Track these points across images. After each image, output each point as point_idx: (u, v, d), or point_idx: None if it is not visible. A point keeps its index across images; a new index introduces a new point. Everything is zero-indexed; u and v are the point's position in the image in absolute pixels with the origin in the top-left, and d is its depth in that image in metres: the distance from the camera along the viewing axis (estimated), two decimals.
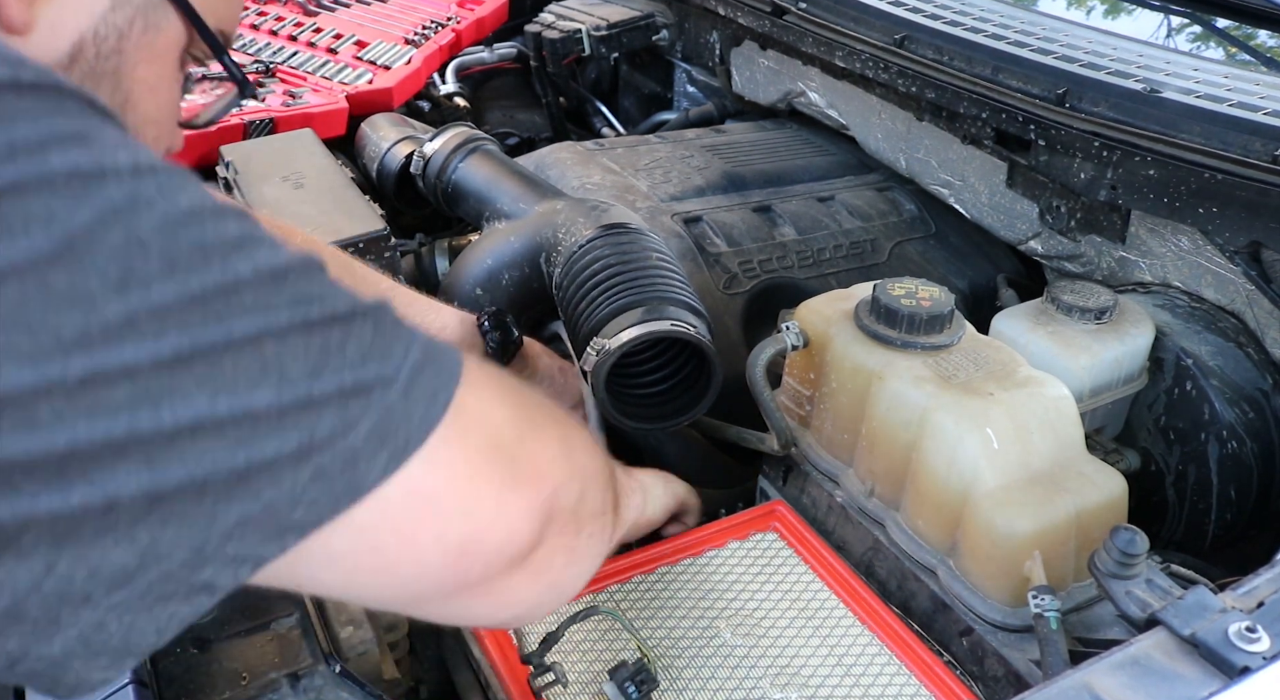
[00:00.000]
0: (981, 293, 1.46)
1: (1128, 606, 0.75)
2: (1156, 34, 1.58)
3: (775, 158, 1.64)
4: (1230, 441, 1.10)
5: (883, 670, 0.87)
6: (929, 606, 0.93)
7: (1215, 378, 1.11)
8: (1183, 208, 1.13)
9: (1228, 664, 0.63)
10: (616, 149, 1.62)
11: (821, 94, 1.63)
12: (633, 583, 0.95)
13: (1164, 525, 1.17)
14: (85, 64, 0.65)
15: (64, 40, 0.63)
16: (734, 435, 1.16)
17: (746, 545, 1.00)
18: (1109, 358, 1.07)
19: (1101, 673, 0.64)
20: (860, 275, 1.40)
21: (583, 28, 1.90)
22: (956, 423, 0.89)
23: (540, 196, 1.31)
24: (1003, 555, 0.85)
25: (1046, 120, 1.24)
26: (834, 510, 1.03)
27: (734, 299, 1.33)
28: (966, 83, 1.33)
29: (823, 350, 1.02)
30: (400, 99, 1.75)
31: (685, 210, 1.44)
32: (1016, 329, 1.10)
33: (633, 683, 0.82)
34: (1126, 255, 1.25)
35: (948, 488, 0.89)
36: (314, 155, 1.40)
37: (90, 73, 0.65)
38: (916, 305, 0.98)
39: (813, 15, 1.57)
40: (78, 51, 0.64)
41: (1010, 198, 1.36)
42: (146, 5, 0.67)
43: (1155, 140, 1.14)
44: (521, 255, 1.24)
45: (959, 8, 1.48)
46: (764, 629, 0.90)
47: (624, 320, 1.05)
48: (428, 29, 1.95)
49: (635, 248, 1.14)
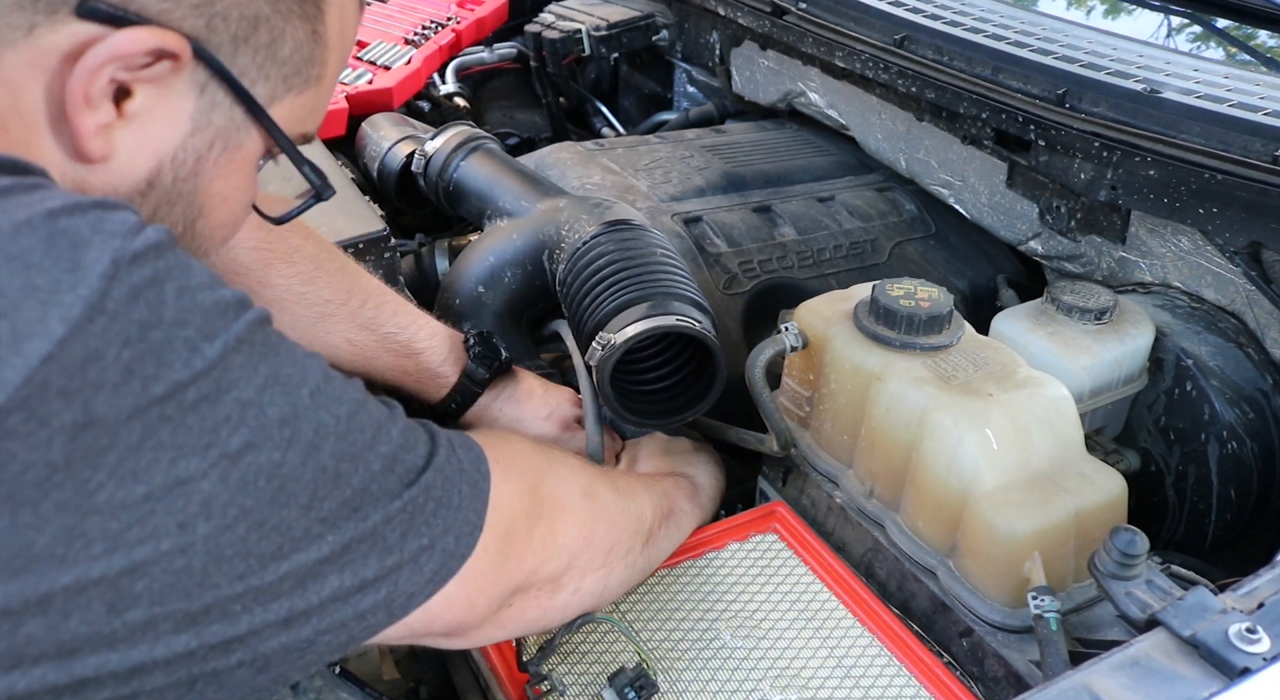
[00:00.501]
0: (981, 293, 1.46)
1: (1128, 607, 0.75)
2: (1156, 34, 1.58)
3: (775, 158, 1.64)
4: (1230, 442, 1.10)
5: (883, 671, 0.87)
6: (929, 607, 0.93)
7: (1215, 378, 1.11)
8: (1183, 208, 1.13)
9: (1228, 665, 0.63)
10: (616, 149, 1.62)
11: (821, 94, 1.63)
12: None
13: (1164, 526, 1.17)
14: (162, 189, 0.64)
15: (141, 168, 0.63)
16: (733, 436, 1.16)
17: (746, 547, 1.00)
18: (1109, 358, 1.07)
19: (1101, 673, 0.64)
20: (860, 275, 1.39)
21: (583, 28, 1.90)
22: (956, 423, 0.89)
23: (542, 194, 1.31)
24: (1002, 556, 0.85)
25: (1046, 120, 1.24)
26: (834, 511, 1.03)
27: (734, 299, 1.33)
28: (966, 83, 1.32)
29: (822, 351, 1.02)
30: (400, 99, 1.75)
31: (685, 210, 1.43)
32: (1016, 329, 1.09)
33: (632, 688, 0.82)
34: (1126, 255, 1.25)
35: (947, 488, 0.89)
36: (313, 155, 1.40)
37: (166, 196, 0.64)
38: (916, 306, 0.98)
39: (813, 15, 1.57)
40: (155, 177, 0.63)
41: (1010, 198, 1.36)
42: (229, 127, 0.65)
43: (1155, 140, 1.14)
44: (524, 253, 1.24)
45: (959, 8, 1.47)
46: (764, 630, 0.90)
47: (629, 315, 1.05)
48: (428, 29, 1.95)
49: (639, 244, 1.14)
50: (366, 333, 1.07)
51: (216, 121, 0.64)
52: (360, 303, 1.07)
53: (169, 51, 0.59)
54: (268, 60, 0.64)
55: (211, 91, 0.63)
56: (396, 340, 1.08)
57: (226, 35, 0.61)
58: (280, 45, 0.64)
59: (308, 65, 0.67)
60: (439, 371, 1.10)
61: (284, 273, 1.03)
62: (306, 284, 1.04)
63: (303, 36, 0.66)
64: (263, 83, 0.65)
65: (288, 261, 1.03)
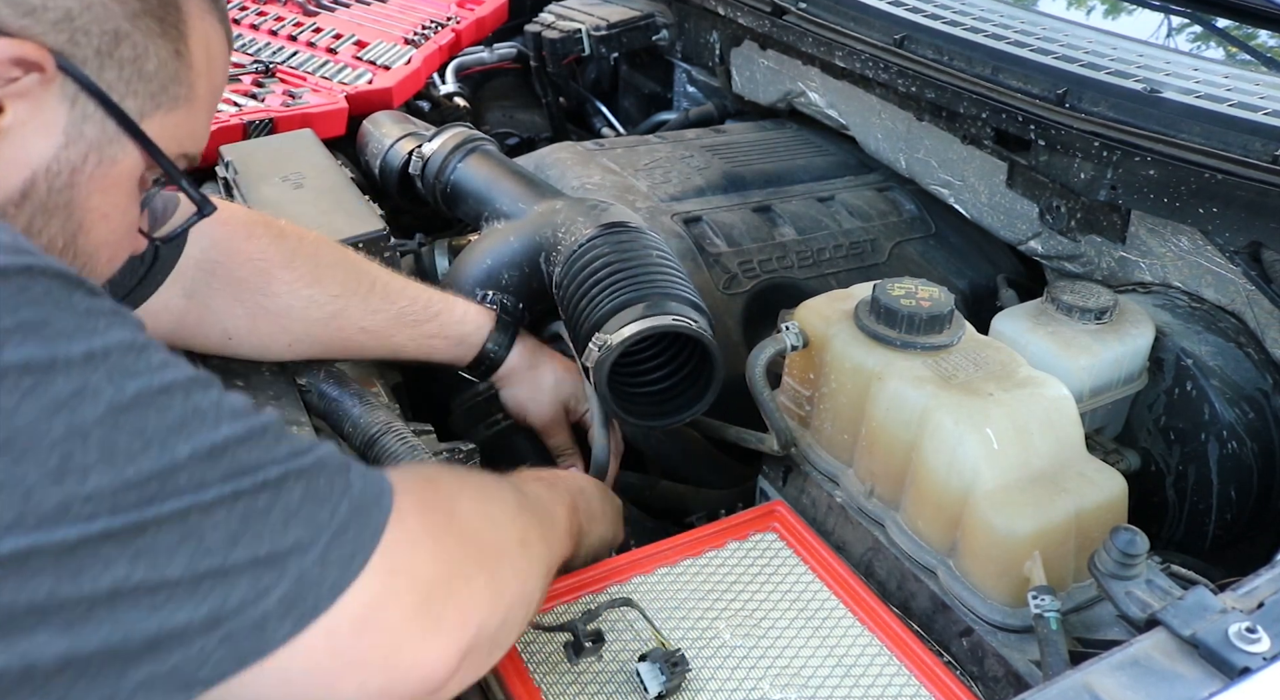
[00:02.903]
0: (981, 293, 1.46)
1: (1128, 607, 0.75)
2: (1156, 34, 1.58)
3: (775, 158, 1.64)
4: (1230, 441, 1.10)
5: (882, 671, 0.87)
6: (929, 607, 0.93)
7: (1215, 378, 1.11)
8: (1183, 208, 1.13)
9: (1228, 664, 0.63)
10: (616, 149, 1.62)
11: (821, 94, 1.63)
12: (632, 583, 0.95)
13: (1164, 525, 1.17)
14: (36, 200, 0.64)
15: (15, 178, 0.63)
16: (734, 435, 1.16)
17: (746, 546, 1.00)
18: (1109, 358, 1.07)
19: (1101, 673, 0.64)
20: (860, 275, 1.40)
21: (583, 28, 1.90)
22: (956, 423, 0.89)
23: (539, 196, 1.31)
24: (1002, 555, 0.85)
25: (1046, 120, 1.24)
26: (834, 510, 1.03)
27: (734, 299, 1.33)
28: (966, 83, 1.32)
29: (822, 350, 1.02)
30: (400, 99, 1.75)
31: (685, 210, 1.43)
32: (1016, 329, 1.09)
33: (665, 664, 0.82)
34: (1126, 255, 1.25)
35: (947, 488, 0.89)
36: (314, 155, 1.40)
37: (42, 208, 0.64)
38: (916, 305, 0.98)
39: (813, 15, 1.57)
40: (29, 188, 0.63)
41: (1010, 198, 1.36)
42: (102, 140, 0.65)
43: (1155, 140, 1.14)
44: (521, 255, 1.24)
45: (959, 8, 1.48)
46: (764, 630, 0.90)
47: (626, 316, 1.05)
48: (427, 29, 1.95)
49: (635, 245, 1.14)
50: (379, 315, 1.08)
51: (89, 134, 0.64)
52: (368, 288, 1.08)
53: (30, 61, 0.60)
54: (134, 75, 0.66)
55: (82, 104, 0.64)
56: (411, 311, 1.10)
57: (90, 49, 0.63)
58: (145, 61, 0.66)
59: (174, 83, 0.68)
60: (462, 329, 1.13)
61: (285, 279, 1.03)
62: (311, 285, 1.04)
63: (166, 55, 0.67)
64: (131, 98, 0.66)
65: (288, 267, 1.03)
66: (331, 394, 1.02)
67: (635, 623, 0.89)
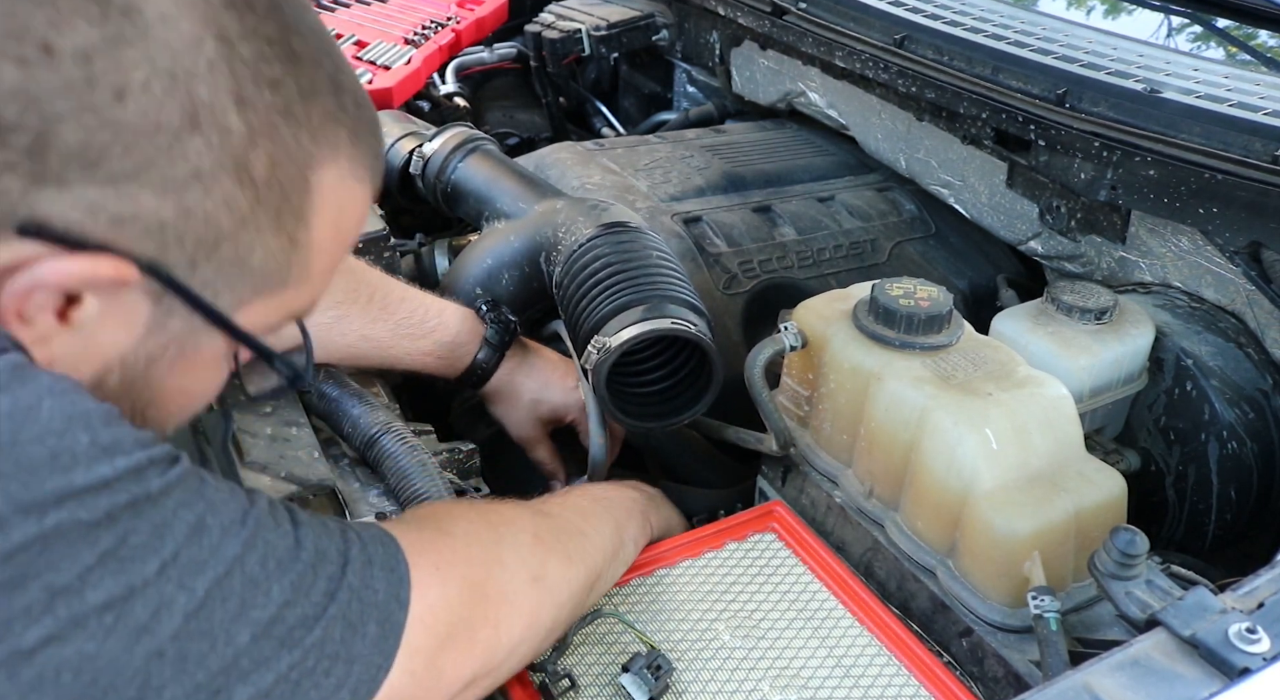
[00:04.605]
0: (981, 293, 1.46)
1: (1128, 607, 0.75)
2: (1156, 34, 1.58)
3: (775, 158, 1.64)
4: (1230, 442, 1.10)
5: (882, 671, 0.86)
6: (928, 607, 0.93)
7: (1215, 378, 1.11)
8: (1183, 208, 1.13)
9: (1228, 665, 0.63)
10: (616, 149, 1.61)
11: (821, 94, 1.63)
12: (630, 586, 0.95)
13: (1164, 525, 1.17)
14: (108, 388, 0.60)
15: (87, 369, 0.58)
16: (733, 435, 1.16)
17: (745, 546, 1.00)
18: (1109, 358, 1.07)
19: (1101, 673, 0.64)
20: (860, 275, 1.39)
21: (583, 28, 1.90)
22: (955, 423, 0.89)
23: (540, 196, 1.31)
24: (1002, 556, 0.85)
25: (1046, 120, 1.24)
26: (833, 511, 1.03)
27: (734, 299, 1.33)
28: (966, 83, 1.32)
29: (821, 350, 1.02)
30: (400, 99, 1.75)
31: (685, 210, 1.43)
32: (1016, 329, 1.09)
33: (648, 670, 0.82)
34: (1126, 255, 1.25)
35: (947, 488, 0.89)
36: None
37: (112, 392, 0.60)
38: (915, 305, 0.98)
39: (813, 15, 1.57)
40: (103, 377, 0.59)
41: (1010, 198, 1.36)
42: (186, 332, 0.60)
43: (1155, 140, 1.14)
44: (521, 255, 1.24)
45: (959, 8, 1.47)
46: (763, 630, 0.90)
47: (625, 318, 1.05)
48: (427, 29, 1.95)
49: (635, 246, 1.14)
50: (379, 324, 1.07)
51: (173, 328, 0.60)
52: (368, 297, 1.07)
53: (108, 279, 0.54)
54: (234, 272, 0.59)
55: (168, 301, 0.58)
56: (409, 324, 1.09)
57: (183, 256, 0.57)
58: (249, 257, 0.59)
59: (283, 270, 0.62)
60: (456, 344, 1.12)
61: None
62: None
63: (277, 246, 0.60)
64: (228, 292, 0.60)
65: None
66: (331, 394, 1.02)
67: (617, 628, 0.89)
